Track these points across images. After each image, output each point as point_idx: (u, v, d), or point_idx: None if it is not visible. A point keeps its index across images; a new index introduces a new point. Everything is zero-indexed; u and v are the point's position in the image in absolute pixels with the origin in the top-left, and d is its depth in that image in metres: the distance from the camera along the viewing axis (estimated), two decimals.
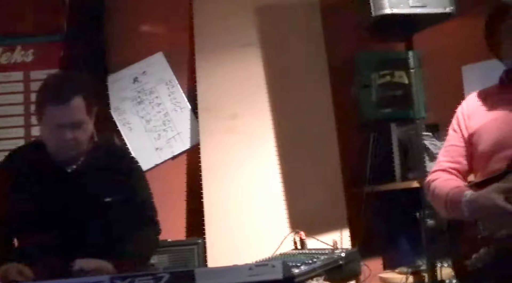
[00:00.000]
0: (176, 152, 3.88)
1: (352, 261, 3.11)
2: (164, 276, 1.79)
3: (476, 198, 1.89)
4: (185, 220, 3.85)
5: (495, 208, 1.80)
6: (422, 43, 3.67)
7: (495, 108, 2.02)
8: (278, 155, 3.73)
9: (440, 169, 2.19)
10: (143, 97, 3.88)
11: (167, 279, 1.79)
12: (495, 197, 1.81)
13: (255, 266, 1.82)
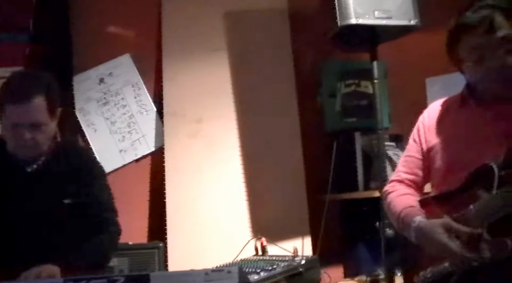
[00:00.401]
0: (140, 154, 3.86)
1: (312, 269, 3.12)
2: (119, 279, 1.78)
3: (424, 227, 1.87)
4: (148, 223, 3.82)
5: (437, 243, 1.79)
6: (388, 54, 3.72)
7: (453, 124, 2.02)
8: (242, 160, 3.73)
9: (398, 180, 2.19)
10: (108, 98, 3.84)
11: (122, 281, 1.78)
12: (439, 231, 1.79)
13: (211, 272, 1.82)
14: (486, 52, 1.87)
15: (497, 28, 1.85)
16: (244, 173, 3.72)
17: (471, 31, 1.89)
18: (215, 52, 3.84)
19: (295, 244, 3.40)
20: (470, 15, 1.91)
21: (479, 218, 1.76)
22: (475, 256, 1.71)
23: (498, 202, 1.71)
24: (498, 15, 1.86)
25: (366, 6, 2.69)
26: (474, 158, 1.86)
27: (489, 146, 1.86)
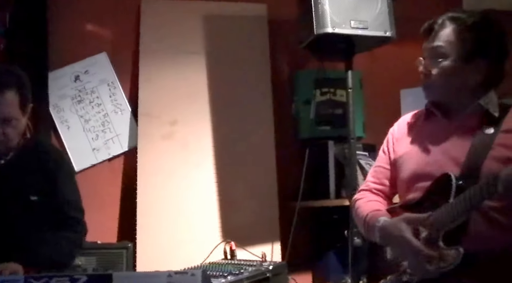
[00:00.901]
0: (113, 154, 3.83)
1: (280, 275, 3.13)
2: (82, 278, 1.77)
3: (387, 225, 1.92)
4: (118, 223, 3.80)
5: (401, 239, 1.82)
6: (363, 64, 3.76)
7: (418, 136, 2.06)
8: (215, 164, 3.74)
9: (366, 189, 2.23)
10: (83, 96, 3.82)
11: (84, 281, 1.77)
12: (403, 228, 1.83)
13: (174, 274, 1.81)
14: (424, 56, 2.00)
15: (437, 38, 1.96)
16: (217, 177, 3.73)
17: (427, 37, 2.02)
18: (193, 55, 3.84)
19: (265, 250, 3.40)
20: (428, 22, 2.02)
21: (435, 226, 1.80)
22: (434, 259, 1.74)
23: (454, 211, 1.75)
24: (448, 28, 1.95)
25: (342, 15, 2.71)
26: (436, 168, 1.90)
27: (450, 157, 1.90)
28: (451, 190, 1.79)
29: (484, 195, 1.68)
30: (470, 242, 1.74)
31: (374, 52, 3.18)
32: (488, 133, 1.87)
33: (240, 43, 3.95)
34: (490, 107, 1.92)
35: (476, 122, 1.93)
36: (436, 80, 1.96)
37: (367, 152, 3.83)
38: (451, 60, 1.94)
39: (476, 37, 1.95)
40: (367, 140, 4.02)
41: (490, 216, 1.80)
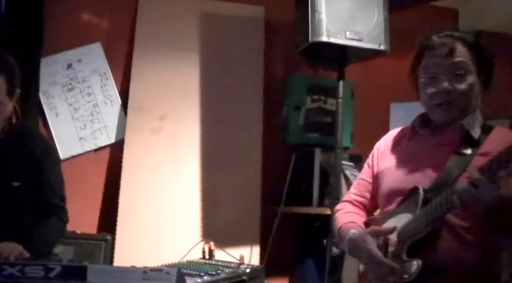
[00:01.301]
0: (100, 144, 3.82)
1: (257, 278, 3.12)
2: (56, 268, 1.76)
3: (355, 238, 1.95)
4: (99, 214, 3.78)
5: (365, 251, 1.86)
6: (356, 74, 3.77)
7: (401, 153, 2.08)
8: (201, 163, 3.74)
9: (347, 200, 2.25)
10: (74, 85, 3.80)
11: (58, 271, 1.76)
12: (368, 241, 1.87)
13: (150, 271, 1.81)
14: (437, 74, 1.94)
15: (456, 54, 1.92)
16: (202, 176, 3.73)
17: (432, 52, 1.96)
18: (187, 52, 3.84)
19: (243, 252, 3.39)
20: (435, 38, 1.98)
21: (400, 239, 1.84)
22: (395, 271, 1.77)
23: (416, 224, 1.79)
24: (460, 45, 1.94)
25: (339, 25, 2.72)
26: (408, 185, 1.92)
27: (426, 174, 1.93)
28: (418, 203, 1.83)
29: (443, 209, 1.73)
30: (436, 256, 1.78)
31: (368, 63, 3.19)
32: (466, 154, 1.89)
33: (235, 44, 3.95)
34: (471, 129, 1.93)
35: (456, 141, 1.94)
36: (464, 96, 1.93)
37: (353, 163, 3.84)
38: (473, 76, 1.94)
39: (479, 56, 1.97)
40: (354, 150, 4.03)
41: (458, 233, 1.82)
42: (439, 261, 1.76)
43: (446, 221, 1.81)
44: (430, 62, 1.96)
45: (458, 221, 1.82)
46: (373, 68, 3.90)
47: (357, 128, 4.07)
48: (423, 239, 1.80)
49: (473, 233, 1.83)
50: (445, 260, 1.77)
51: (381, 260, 1.80)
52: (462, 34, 1.98)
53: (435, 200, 1.76)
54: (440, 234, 1.81)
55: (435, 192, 1.81)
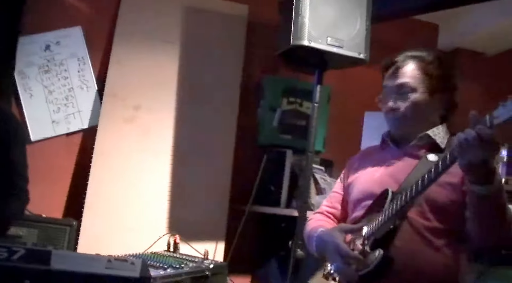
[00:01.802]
0: (73, 129, 3.79)
1: (219, 274, 3.14)
2: (20, 251, 1.75)
3: (323, 234, 2.06)
4: (66, 199, 3.75)
5: (331, 244, 1.96)
6: (334, 80, 3.80)
7: (370, 163, 2.18)
8: (173, 156, 3.74)
9: (319, 212, 2.35)
10: (51, 67, 3.76)
11: (22, 254, 1.75)
12: (335, 235, 1.98)
13: (114, 260, 1.81)
14: (386, 93, 2.11)
15: (400, 74, 2.07)
16: (172, 169, 3.73)
17: (387, 72, 2.14)
18: (167, 44, 3.83)
19: (208, 248, 3.42)
20: (388, 59, 2.14)
21: (366, 235, 1.94)
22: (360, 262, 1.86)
23: (380, 219, 1.89)
24: (410, 63, 2.07)
25: (321, 31, 2.73)
26: (380, 188, 2.02)
27: (394, 179, 2.03)
28: (386, 202, 1.92)
29: (402, 202, 1.83)
30: (397, 253, 1.85)
31: (347, 71, 3.22)
32: (432, 160, 1.97)
33: (216, 40, 3.96)
34: (438, 139, 2.04)
35: (423, 150, 2.05)
36: (407, 113, 2.05)
37: (324, 167, 3.88)
38: (420, 93, 2.04)
39: (438, 72, 2.08)
40: (325, 155, 4.07)
41: (422, 234, 1.91)
42: (400, 259, 1.83)
43: (411, 222, 1.89)
44: (384, 82, 2.14)
45: (423, 221, 1.90)
46: (351, 76, 3.94)
47: (330, 133, 4.11)
48: (387, 238, 1.87)
49: (438, 235, 1.91)
50: (406, 259, 1.85)
51: (346, 251, 1.90)
52: (418, 52, 2.11)
53: (399, 197, 1.85)
54: (404, 234, 1.88)
55: (401, 194, 1.88)
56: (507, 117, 1.55)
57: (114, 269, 1.79)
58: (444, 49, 4.89)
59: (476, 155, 1.60)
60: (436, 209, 1.90)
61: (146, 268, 1.85)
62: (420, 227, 1.90)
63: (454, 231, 1.92)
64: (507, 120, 1.56)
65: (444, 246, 1.91)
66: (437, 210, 1.90)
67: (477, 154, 1.60)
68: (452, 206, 1.91)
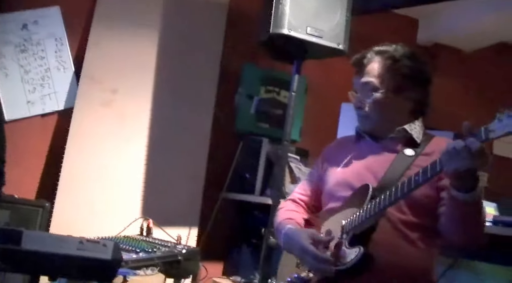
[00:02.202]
0: (48, 110, 3.76)
1: (192, 260, 3.15)
2: None
3: (291, 232, 2.05)
4: (39, 181, 3.73)
5: (299, 246, 1.95)
6: (314, 71, 3.82)
7: (346, 154, 2.18)
8: (149, 141, 3.73)
9: (291, 199, 2.33)
10: (28, 46, 3.71)
11: None
12: (303, 236, 1.96)
13: (86, 241, 1.81)
14: (355, 88, 2.13)
15: (365, 72, 2.08)
16: (148, 153, 3.72)
17: (356, 70, 2.14)
18: (147, 28, 3.81)
19: (182, 233, 3.42)
20: (357, 56, 2.15)
21: (345, 229, 1.93)
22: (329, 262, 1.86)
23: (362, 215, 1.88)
24: (377, 61, 2.08)
25: (301, 20, 2.73)
26: (357, 179, 2.03)
27: (371, 171, 2.03)
28: (366, 198, 1.91)
29: (386, 203, 1.82)
30: (375, 247, 1.86)
31: (325, 61, 3.23)
32: (408, 155, 2.00)
33: (197, 26, 3.93)
34: (414, 133, 2.05)
35: (400, 145, 2.06)
36: (371, 112, 2.07)
37: (299, 156, 3.89)
38: (382, 93, 2.05)
39: (405, 70, 2.08)
40: (301, 144, 4.09)
41: (398, 227, 1.92)
42: (378, 254, 1.84)
43: (388, 216, 1.90)
44: (353, 79, 2.16)
45: (399, 215, 1.92)
46: (330, 67, 3.96)
47: (307, 123, 4.13)
48: (365, 232, 1.88)
49: (413, 229, 1.93)
50: (384, 253, 1.85)
51: (315, 254, 1.88)
52: (386, 48, 2.12)
53: (382, 195, 1.85)
54: (381, 227, 1.89)
55: (380, 190, 1.89)
56: (502, 133, 1.56)
57: (86, 251, 1.79)
58: (423, 44, 4.94)
59: (463, 164, 1.62)
60: (412, 204, 1.92)
61: (118, 250, 1.85)
62: (396, 220, 1.92)
63: (428, 225, 1.94)
64: (502, 136, 1.57)
65: (418, 240, 1.93)
66: (413, 204, 1.92)
67: (465, 163, 1.62)
68: (427, 201, 1.93)
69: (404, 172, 1.94)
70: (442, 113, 4.48)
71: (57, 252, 1.74)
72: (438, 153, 1.86)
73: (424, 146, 2.03)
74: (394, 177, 1.94)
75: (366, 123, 2.11)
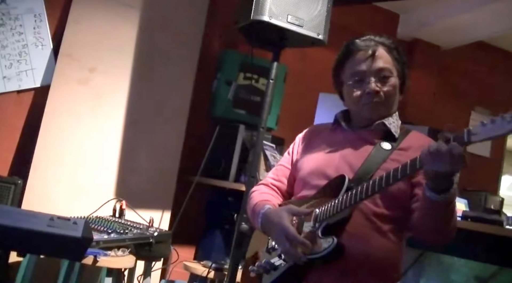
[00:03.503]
0: (24, 87, 3.71)
1: (163, 243, 3.17)
2: None
3: (270, 212, 2.03)
4: (12, 157, 3.69)
5: (278, 225, 1.93)
6: (293, 60, 3.83)
7: (322, 142, 2.17)
8: (124, 122, 3.72)
9: (264, 183, 2.31)
10: (5, 21, 3.66)
11: None
12: (283, 216, 1.95)
13: (57, 218, 1.80)
14: (363, 77, 2.05)
15: (377, 57, 2.04)
16: (124, 134, 3.71)
17: (356, 55, 2.07)
18: (128, 8, 3.78)
19: (154, 216, 3.43)
20: (358, 42, 2.09)
21: (318, 218, 1.94)
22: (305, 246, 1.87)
23: (337, 206, 1.89)
24: (381, 48, 2.06)
25: (281, 8, 2.75)
26: (332, 169, 2.03)
27: (346, 162, 2.03)
28: (342, 189, 1.92)
29: (362, 196, 1.83)
30: (347, 238, 1.87)
31: (304, 51, 3.25)
32: (385, 148, 2.01)
33: (178, 8, 3.92)
34: (392, 128, 2.06)
35: (377, 137, 2.06)
36: (389, 97, 2.05)
37: (275, 145, 3.91)
38: (395, 77, 2.06)
39: (401, 59, 2.10)
40: (277, 133, 4.12)
41: (371, 219, 1.94)
42: (349, 244, 1.86)
43: (361, 207, 1.92)
44: (356, 66, 2.07)
45: (372, 207, 1.93)
46: (308, 56, 3.98)
47: (284, 112, 4.15)
48: (338, 222, 1.90)
49: (385, 221, 1.95)
50: (355, 244, 1.87)
51: (294, 236, 1.88)
52: (382, 38, 2.10)
53: (357, 188, 1.86)
54: (354, 218, 1.91)
55: (357, 181, 1.91)
56: (485, 137, 1.58)
57: (56, 228, 1.78)
58: (402, 39, 4.99)
59: (444, 167, 1.64)
60: (386, 196, 1.93)
61: (88, 229, 1.85)
62: (369, 212, 1.93)
63: (399, 218, 1.96)
64: (484, 140, 1.59)
65: (389, 232, 1.95)
66: (387, 197, 1.93)
67: (445, 167, 1.64)
68: (401, 195, 1.95)
69: (380, 165, 1.96)
70: (418, 108, 4.56)
71: (27, 227, 1.73)
72: (415, 149, 1.90)
73: (401, 141, 2.05)
74: (370, 170, 1.95)
75: (380, 108, 2.06)
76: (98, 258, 2.80)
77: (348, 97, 2.11)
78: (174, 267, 3.64)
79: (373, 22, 4.64)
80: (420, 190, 1.89)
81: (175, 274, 3.80)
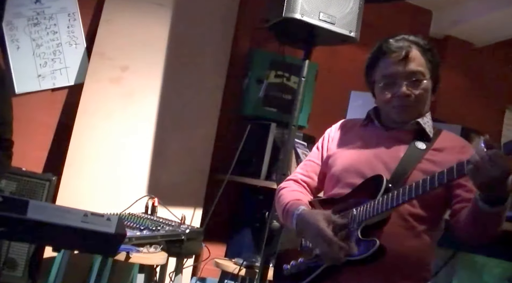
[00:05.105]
0: (58, 85, 3.77)
1: (195, 240, 3.18)
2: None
3: (305, 213, 2.01)
4: (47, 155, 3.75)
5: (315, 227, 1.92)
6: (323, 57, 3.81)
7: (354, 139, 2.15)
8: (156, 120, 3.75)
9: (293, 179, 2.28)
10: (40, 20, 3.72)
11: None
12: (319, 218, 1.93)
13: (90, 214, 1.82)
14: (395, 79, 2.02)
15: (410, 60, 2.00)
16: (155, 132, 3.74)
17: (389, 57, 2.03)
18: (159, 7, 3.80)
19: (186, 213, 3.44)
20: (392, 42, 2.05)
21: (357, 219, 1.91)
22: (344, 250, 1.85)
23: (376, 207, 1.87)
24: (414, 49, 2.02)
25: (313, 5, 2.74)
26: (367, 168, 2.00)
27: (381, 161, 2.01)
28: (380, 190, 1.89)
29: (405, 198, 1.81)
30: (382, 238, 1.85)
31: (336, 49, 3.23)
32: (420, 148, 1.99)
33: (209, 8, 3.93)
34: (427, 127, 2.04)
35: (411, 137, 2.04)
36: (420, 100, 2.03)
37: (306, 142, 3.89)
38: (427, 79, 2.03)
39: (435, 60, 2.06)
40: (308, 131, 4.10)
41: (406, 219, 1.92)
42: (385, 242, 1.84)
43: (397, 208, 1.88)
44: (388, 68, 2.03)
45: (408, 207, 1.91)
46: (340, 54, 3.95)
47: (315, 110, 4.13)
48: (377, 224, 1.88)
49: (420, 221, 1.93)
50: (390, 244, 1.84)
51: (330, 238, 1.86)
52: (416, 38, 2.07)
53: (398, 190, 1.83)
54: (390, 218, 1.89)
55: (394, 181, 1.90)
56: None
57: (90, 223, 1.80)
58: (435, 36, 4.92)
59: (488, 176, 1.62)
60: (422, 197, 1.87)
61: (122, 225, 1.86)
62: (405, 212, 1.91)
63: (433, 219, 1.95)
64: None
65: (423, 232, 1.94)
66: (423, 197, 1.88)
67: (489, 175, 1.62)
68: (437, 196, 1.92)
69: (415, 165, 1.94)
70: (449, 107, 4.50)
71: (62, 223, 1.75)
72: (450, 150, 1.90)
73: (434, 140, 2.02)
74: (405, 170, 1.93)
75: (411, 112, 2.04)
76: (130, 254, 2.82)
77: (379, 98, 2.09)
78: (205, 265, 3.65)
79: (406, 19, 4.59)
80: (462, 191, 1.89)
81: (206, 271, 3.82)
